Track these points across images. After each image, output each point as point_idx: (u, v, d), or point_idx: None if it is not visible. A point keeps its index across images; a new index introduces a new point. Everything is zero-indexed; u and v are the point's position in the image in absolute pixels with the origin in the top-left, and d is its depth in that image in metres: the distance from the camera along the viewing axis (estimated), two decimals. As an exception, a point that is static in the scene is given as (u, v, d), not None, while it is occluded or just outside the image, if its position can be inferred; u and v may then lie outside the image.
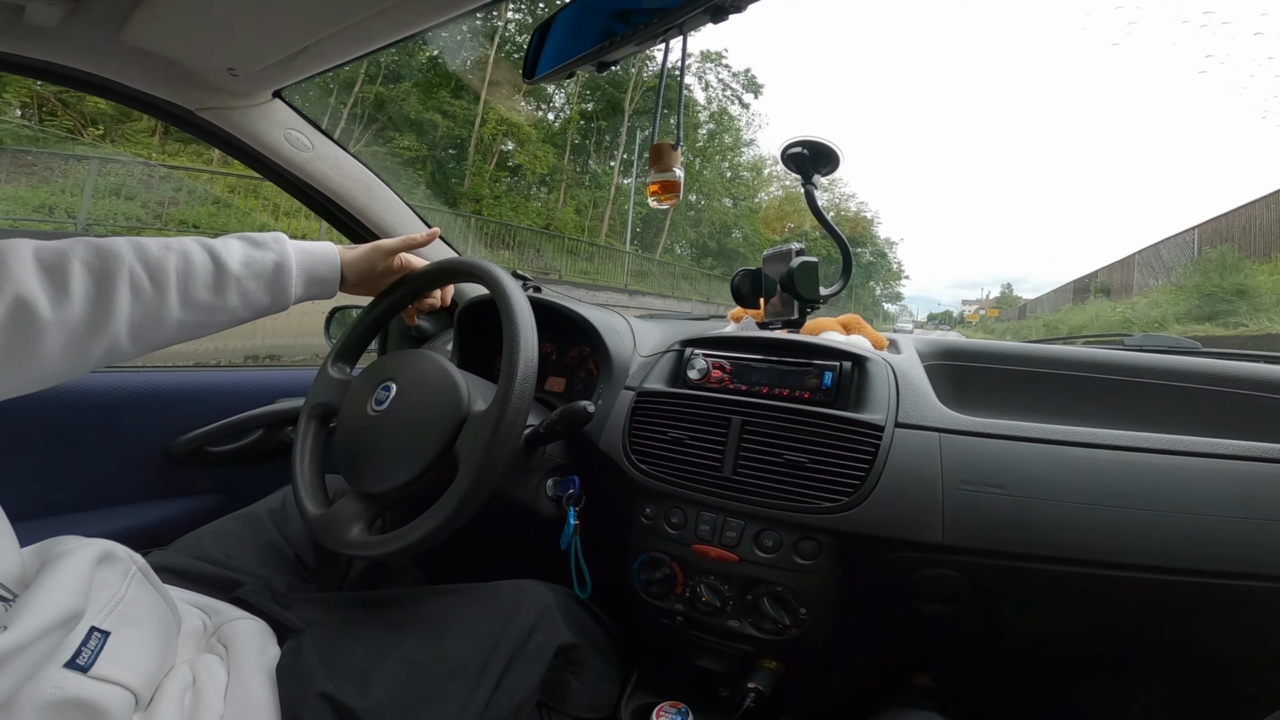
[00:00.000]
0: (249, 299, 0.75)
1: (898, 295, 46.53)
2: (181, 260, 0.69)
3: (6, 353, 0.57)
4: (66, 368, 0.62)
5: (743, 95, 28.35)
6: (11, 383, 0.59)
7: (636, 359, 1.11)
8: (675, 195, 0.82)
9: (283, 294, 0.78)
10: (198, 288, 0.70)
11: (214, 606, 0.75)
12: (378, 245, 0.90)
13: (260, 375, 1.41)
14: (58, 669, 0.51)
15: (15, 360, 0.58)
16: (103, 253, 0.64)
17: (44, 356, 0.59)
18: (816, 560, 0.84)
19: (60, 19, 0.86)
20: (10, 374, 0.58)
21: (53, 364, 0.60)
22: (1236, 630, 0.79)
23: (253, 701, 0.64)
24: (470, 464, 0.75)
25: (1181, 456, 0.77)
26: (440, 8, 0.81)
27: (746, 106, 29.30)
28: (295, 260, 0.79)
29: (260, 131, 1.15)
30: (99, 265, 0.63)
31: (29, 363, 0.59)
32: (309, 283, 0.81)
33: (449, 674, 0.73)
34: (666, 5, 0.72)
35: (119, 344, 0.65)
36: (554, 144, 22.20)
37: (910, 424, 0.86)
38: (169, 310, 0.68)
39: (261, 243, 0.78)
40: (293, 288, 0.79)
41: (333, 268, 0.84)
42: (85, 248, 0.63)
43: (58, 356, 0.60)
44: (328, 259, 0.84)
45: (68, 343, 0.60)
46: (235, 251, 0.74)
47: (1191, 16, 40.18)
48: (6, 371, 0.58)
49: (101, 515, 1.16)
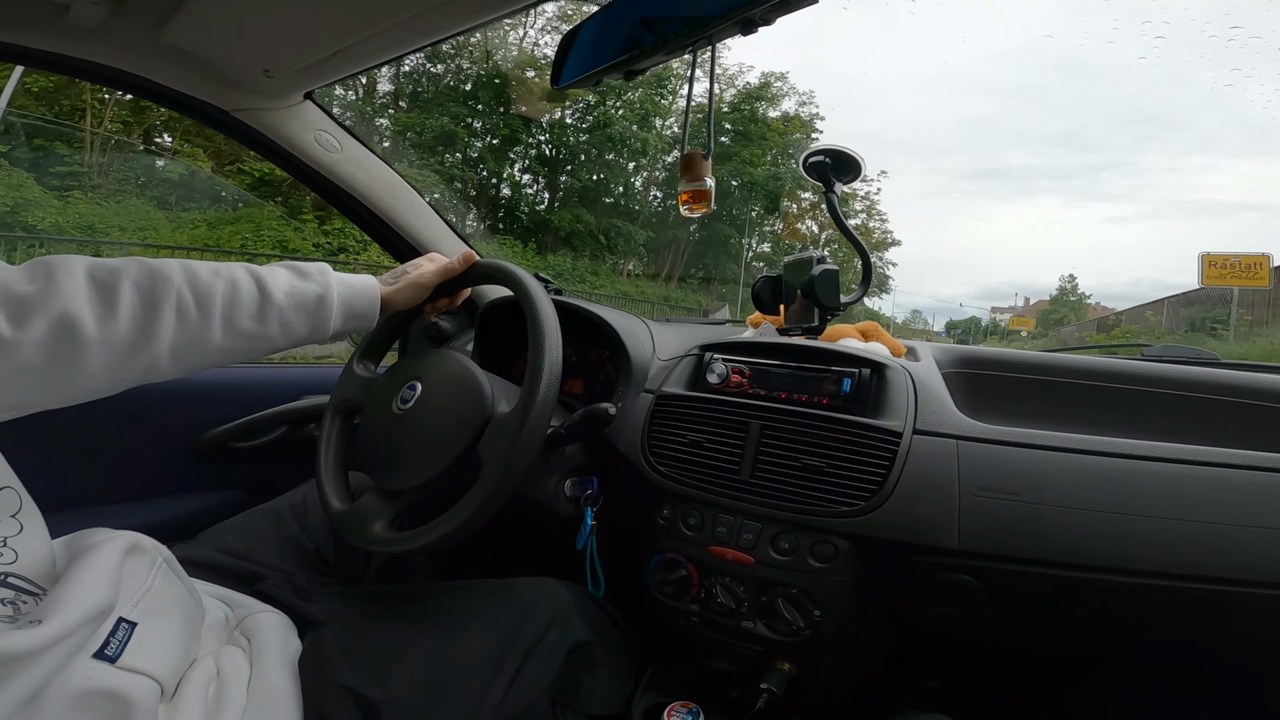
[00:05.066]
0: (289, 329, 0.75)
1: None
2: (229, 287, 0.69)
3: (48, 369, 0.57)
4: (104, 385, 0.62)
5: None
6: (50, 396, 0.59)
7: (656, 362, 1.12)
8: (707, 204, 0.83)
9: (322, 326, 0.78)
10: (242, 316, 0.70)
11: (236, 599, 0.76)
12: (418, 282, 0.89)
13: (286, 372, 1.43)
14: (87, 659, 0.52)
15: (56, 376, 0.58)
16: (154, 274, 0.64)
17: (84, 374, 0.59)
18: (832, 563, 0.85)
19: (103, 19, 0.88)
20: (49, 388, 0.59)
21: (92, 381, 0.61)
22: (1249, 639, 0.79)
23: (275, 693, 0.65)
24: (493, 465, 0.76)
25: (1197, 466, 0.78)
26: (472, 13, 0.82)
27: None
28: (337, 294, 0.78)
29: (292, 132, 1.17)
30: (149, 286, 0.63)
31: (69, 379, 0.59)
32: (348, 316, 0.80)
33: (467, 668, 0.74)
34: (695, 15, 0.73)
35: (158, 365, 0.65)
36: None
37: (928, 431, 0.86)
38: (211, 336, 0.68)
39: (307, 273, 0.77)
40: (332, 320, 0.78)
41: (372, 303, 0.83)
42: (138, 268, 0.64)
43: (98, 374, 0.60)
44: (368, 294, 0.83)
45: (109, 361, 0.61)
46: (281, 281, 0.74)
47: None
48: (46, 386, 0.58)
49: (129, 508, 1.18)
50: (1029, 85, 67.45)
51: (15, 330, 0.54)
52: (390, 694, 0.68)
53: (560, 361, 0.80)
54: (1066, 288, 43.17)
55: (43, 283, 0.57)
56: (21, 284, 0.57)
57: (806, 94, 29.34)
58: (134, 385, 0.66)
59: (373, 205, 1.31)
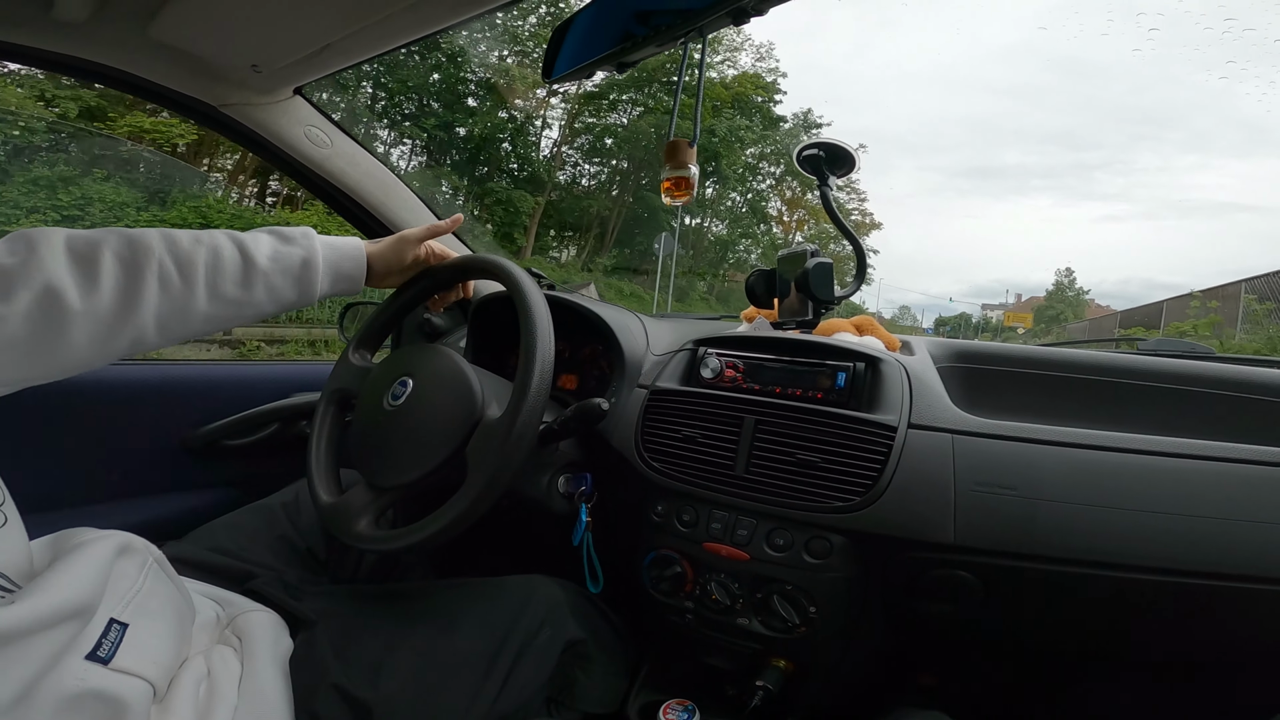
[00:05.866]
0: (275, 294, 0.75)
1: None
2: (211, 254, 0.70)
3: (33, 341, 0.57)
4: (92, 357, 0.62)
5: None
6: (37, 370, 0.59)
7: (649, 357, 1.12)
8: (689, 192, 0.83)
9: (309, 290, 0.78)
10: (225, 282, 0.70)
11: (227, 598, 0.76)
12: (403, 236, 0.90)
13: (276, 369, 1.42)
14: (80, 661, 0.52)
15: (42, 348, 0.58)
16: (134, 244, 0.64)
17: (70, 345, 0.60)
18: (828, 559, 0.85)
19: (88, 14, 0.87)
20: (36, 362, 0.59)
21: (79, 353, 0.61)
22: (1244, 634, 0.79)
23: (266, 692, 0.64)
24: (480, 470, 0.76)
25: (1194, 460, 0.77)
26: (462, 5, 0.82)
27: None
28: (322, 256, 0.79)
29: (281, 128, 1.16)
30: (129, 256, 0.64)
31: (55, 351, 0.59)
32: (335, 279, 0.81)
33: (459, 667, 0.74)
34: (687, 7, 0.72)
35: (145, 335, 0.65)
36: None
37: (923, 425, 0.86)
38: (196, 303, 0.68)
39: (290, 238, 0.78)
40: (319, 283, 0.79)
41: (359, 264, 0.84)
42: (117, 238, 0.64)
43: (84, 346, 0.61)
44: (354, 255, 0.84)
45: (94, 332, 0.61)
46: (264, 246, 0.75)
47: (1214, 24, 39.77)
48: (33, 359, 0.58)
49: (117, 507, 1.17)
50: (1024, 84, 67.78)
51: (0, 303, 0.54)
52: (382, 693, 0.68)
53: (552, 360, 0.80)
54: (1064, 282, 41.73)
55: (24, 254, 0.57)
56: (3, 256, 0.57)
57: (765, 46, 24.08)
58: (123, 356, 0.66)
59: (364, 200, 1.30)
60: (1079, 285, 42.19)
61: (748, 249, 24.94)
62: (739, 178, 23.37)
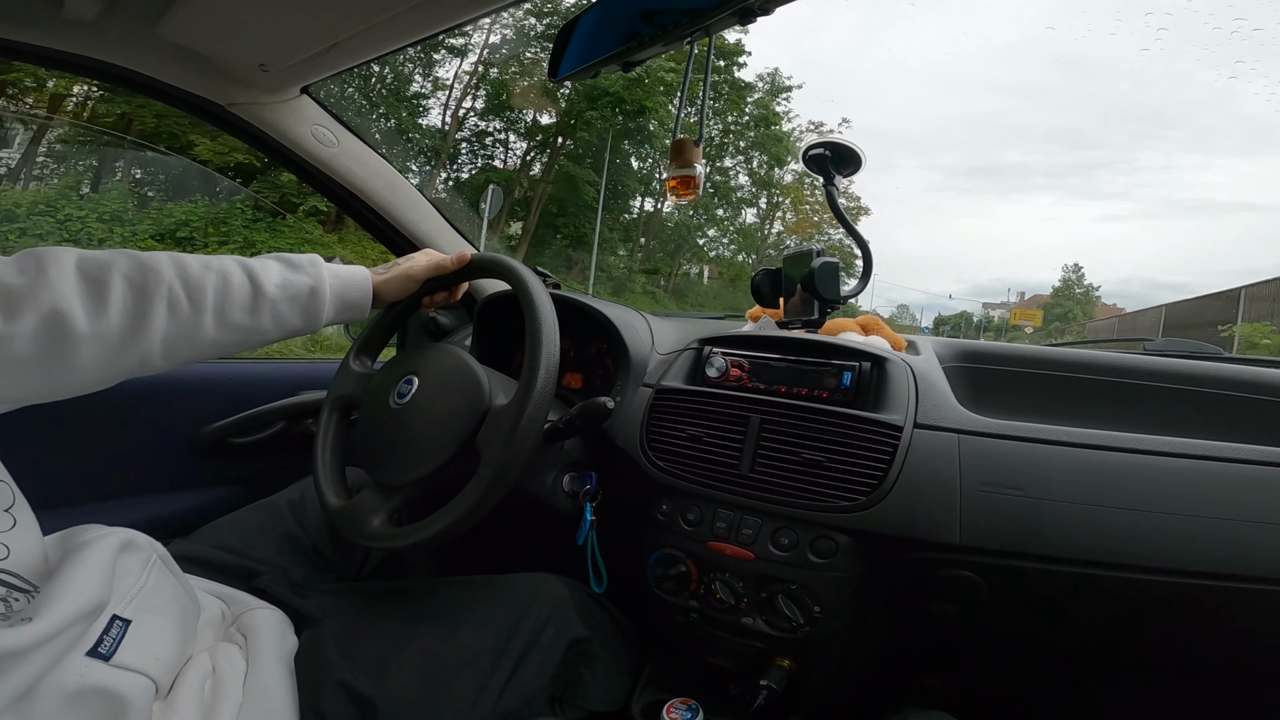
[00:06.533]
0: (281, 321, 0.75)
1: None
2: (220, 281, 0.69)
3: (38, 362, 0.56)
4: (96, 379, 0.62)
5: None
6: (40, 390, 0.59)
7: (654, 356, 1.12)
8: (694, 191, 0.83)
9: (315, 318, 0.78)
10: (234, 309, 0.70)
11: (233, 596, 0.76)
12: (407, 275, 0.89)
13: (283, 367, 1.42)
14: (80, 657, 0.52)
15: (46, 369, 0.58)
16: (145, 268, 0.64)
17: (76, 368, 0.59)
18: (833, 559, 0.84)
19: (98, 13, 0.87)
20: (42, 382, 0.58)
21: (84, 375, 0.60)
22: (1254, 635, 0.79)
23: (271, 690, 0.64)
24: (491, 458, 0.76)
25: (1200, 461, 0.77)
26: (470, 3, 0.82)
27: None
28: (329, 285, 0.79)
29: (288, 127, 1.16)
30: (140, 280, 0.63)
31: (61, 373, 0.59)
32: (341, 307, 0.81)
33: (464, 665, 0.74)
34: (694, 6, 0.72)
35: (151, 359, 0.65)
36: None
37: (929, 425, 0.86)
38: (204, 329, 0.68)
39: (298, 265, 0.78)
40: (325, 312, 0.78)
41: (364, 293, 0.84)
42: (128, 261, 0.63)
43: (89, 369, 0.60)
44: (360, 285, 0.83)
45: (100, 356, 0.60)
46: (273, 274, 0.74)
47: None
48: (36, 380, 0.58)
49: (126, 504, 1.18)
50: (1027, 82, 67.56)
51: (6, 323, 0.54)
52: (387, 691, 0.68)
53: (558, 355, 0.80)
54: (1071, 279, 40.55)
55: (33, 275, 0.57)
56: (12, 276, 0.56)
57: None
58: (127, 378, 0.65)
59: (370, 200, 1.30)
60: (1087, 282, 41.06)
61: (715, 238, 22.86)
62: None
